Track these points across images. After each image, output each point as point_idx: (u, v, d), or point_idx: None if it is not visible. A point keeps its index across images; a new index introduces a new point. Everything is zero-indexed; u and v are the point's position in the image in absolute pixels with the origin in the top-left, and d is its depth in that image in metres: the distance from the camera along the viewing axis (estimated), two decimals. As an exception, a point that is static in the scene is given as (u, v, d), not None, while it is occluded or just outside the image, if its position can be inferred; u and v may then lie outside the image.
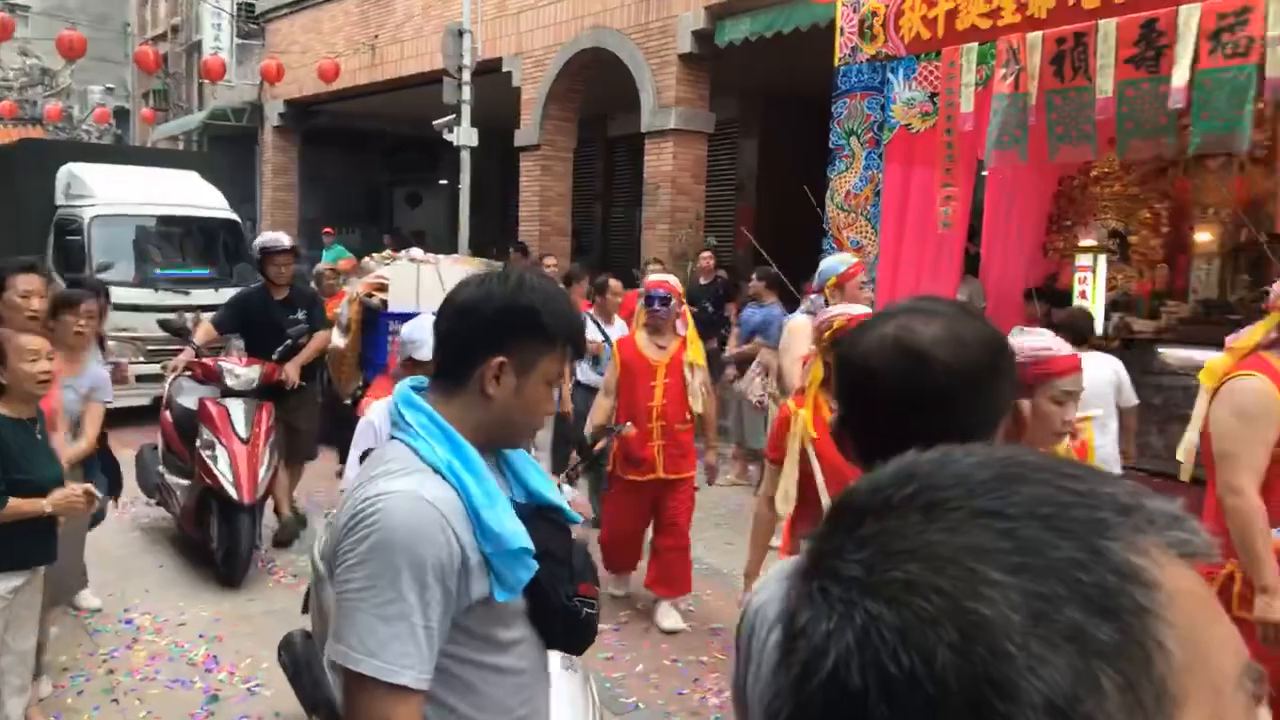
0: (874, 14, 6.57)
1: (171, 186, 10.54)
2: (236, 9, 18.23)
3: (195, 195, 10.58)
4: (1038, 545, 0.44)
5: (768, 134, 13.21)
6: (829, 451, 2.84)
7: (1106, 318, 7.13)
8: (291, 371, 6.03)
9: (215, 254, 10.54)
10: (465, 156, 11.12)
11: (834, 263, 4.33)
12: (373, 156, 20.18)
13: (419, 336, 3.65)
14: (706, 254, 9.38)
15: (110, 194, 9.89)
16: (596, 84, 11.92)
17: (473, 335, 1.55)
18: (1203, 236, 7.70)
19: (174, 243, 10.56)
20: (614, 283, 6.80)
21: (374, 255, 8.22)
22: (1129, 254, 8.14)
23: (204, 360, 5.89)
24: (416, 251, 8.01)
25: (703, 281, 8.97)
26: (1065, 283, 7.76)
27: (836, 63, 6.83)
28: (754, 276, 8.02)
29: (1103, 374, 4.77)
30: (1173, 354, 6.81)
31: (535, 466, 1.71)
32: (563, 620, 1.60)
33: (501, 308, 1.54)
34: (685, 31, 10.06)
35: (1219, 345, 7.72)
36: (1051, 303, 7.56)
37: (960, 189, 6.33)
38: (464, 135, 10.94)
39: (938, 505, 0.46)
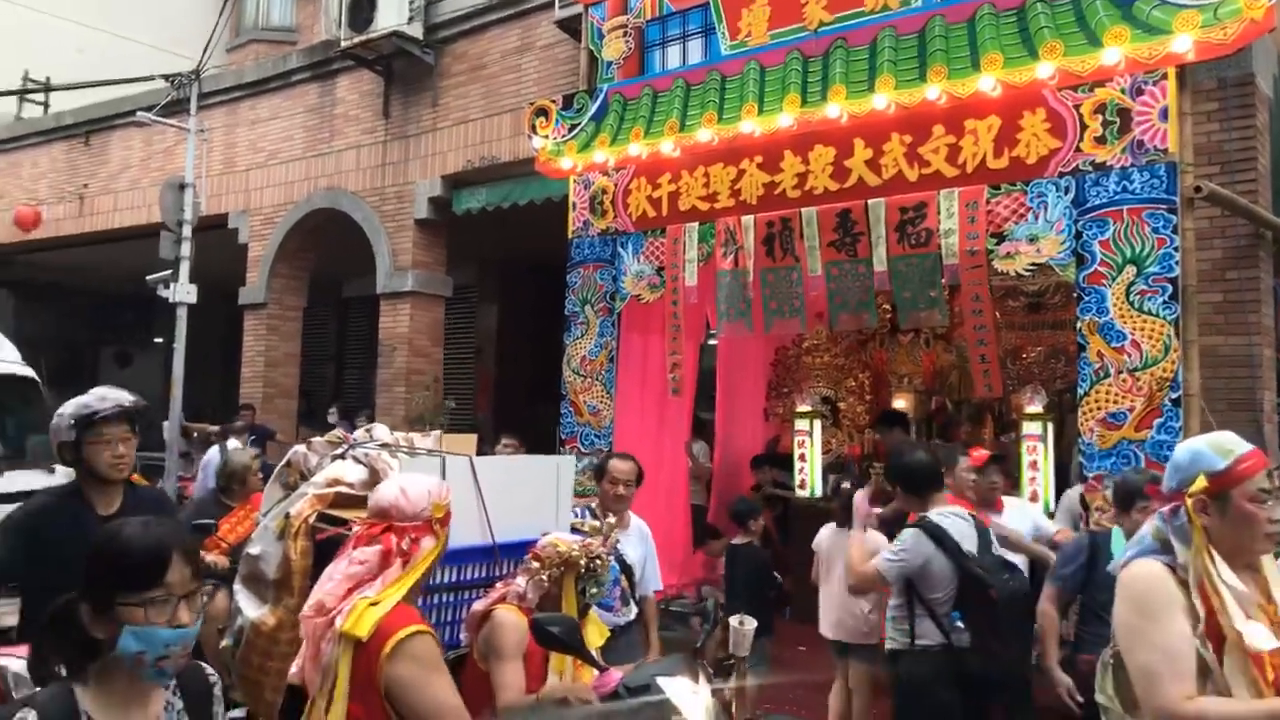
0: (604, 192, 6.91)
1: None
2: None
3: None
4: None
5: (506, 299, 13.40)
6: None
7: (825, 479, 7.56)
8: None
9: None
10: (181, 314, 10.39)
11: (1203, 451, 2.15)
12: (76, 312, 18.49)
13: None
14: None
15: None
16: (330, 244, 11.66)
17: None
18: (899, 404, 8.47)
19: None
20: (617, 464, 4.40)
21: (313, 439, 3.53)
22: (839, 419, 8.80)
23: None
24: (382, 429, 3.53)
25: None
26: (786, 446, 8.21)
27: (570, 235, 7.08)
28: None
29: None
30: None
31: None
32: None
33: None
34: (422, 198, 10.12)
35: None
36: (775, 466, 7.97)
37: (685, 357, 6.63)
38: (181, 292, 10.25)
39: None
